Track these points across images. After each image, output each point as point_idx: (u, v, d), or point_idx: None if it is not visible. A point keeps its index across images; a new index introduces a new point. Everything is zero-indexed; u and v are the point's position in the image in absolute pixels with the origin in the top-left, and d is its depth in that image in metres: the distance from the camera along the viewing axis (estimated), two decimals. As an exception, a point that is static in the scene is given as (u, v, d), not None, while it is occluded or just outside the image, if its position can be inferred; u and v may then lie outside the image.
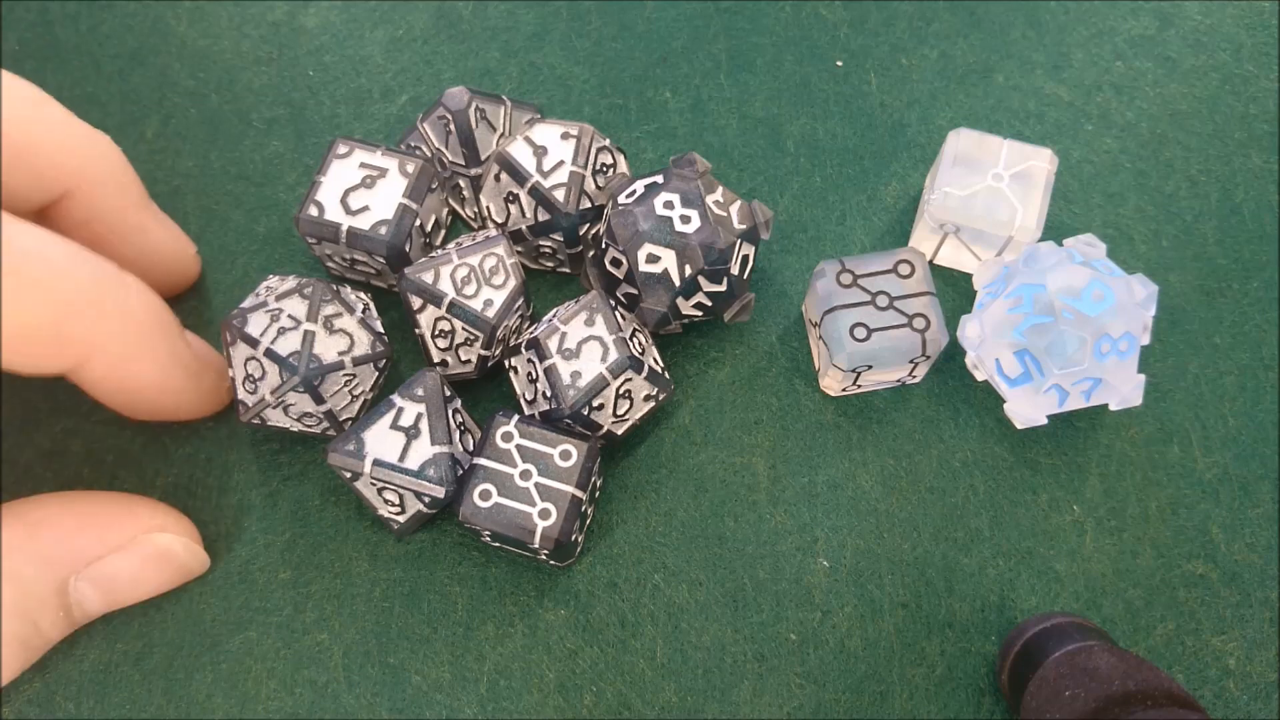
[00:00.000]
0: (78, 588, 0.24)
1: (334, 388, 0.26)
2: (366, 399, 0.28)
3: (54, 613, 0.24)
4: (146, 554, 0.25)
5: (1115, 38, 0.34)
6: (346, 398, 0.26)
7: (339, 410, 0.26)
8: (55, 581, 0.24)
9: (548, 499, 0.25)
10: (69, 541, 0.24)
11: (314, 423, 0.27)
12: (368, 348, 0.26)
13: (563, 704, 0.26)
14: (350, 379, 0.26)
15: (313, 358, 0.25)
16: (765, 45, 0.34)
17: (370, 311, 0.27)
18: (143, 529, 0.25)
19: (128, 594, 0.26)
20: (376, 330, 0.27)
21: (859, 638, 0.27)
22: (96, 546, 0.25)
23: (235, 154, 0.32)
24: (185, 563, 0.26)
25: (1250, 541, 0.28)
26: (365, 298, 0.28)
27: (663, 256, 0.26)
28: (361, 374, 0.26)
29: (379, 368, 0.27)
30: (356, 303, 0.27)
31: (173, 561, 0.26)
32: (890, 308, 0.27)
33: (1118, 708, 0.21)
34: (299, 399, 0.25)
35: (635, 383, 0.26)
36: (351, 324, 0.26)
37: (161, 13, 0.34)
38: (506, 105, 0.30)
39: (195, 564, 0.27)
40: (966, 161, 0.29)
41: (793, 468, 0.29)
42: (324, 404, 0.26)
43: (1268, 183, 0.32)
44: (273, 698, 0.26)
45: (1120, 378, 0.26)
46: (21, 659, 0.24)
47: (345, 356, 0.26)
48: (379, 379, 0.28)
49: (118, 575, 0.25)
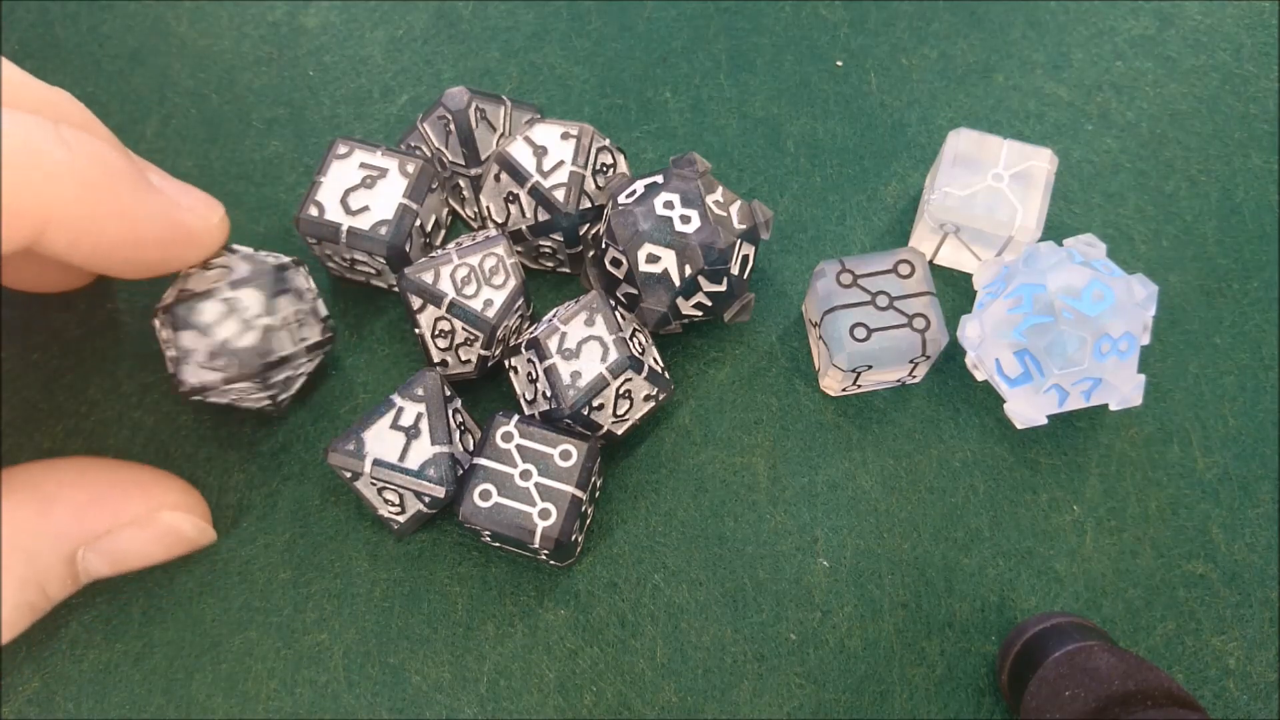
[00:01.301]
0: (86, 558, 0.25)
1: (282, 374, 0.26)
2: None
3: (61, 580, 0.24)
4: (156, 531, 0.26)
5: (1115, 38, 0.34)
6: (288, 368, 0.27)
7: (282, 392, 0.27)
8: (65, 553, 0.24)
9: (548, 499, 0.25)
10: (81, 516, 0.24)
11: (255, 404, 0.27)
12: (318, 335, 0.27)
13: (563, 704, 0.26)
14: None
15: (269, 351, 0.25)
16: (765, 45, 0.34)
17: (311, 289, 0.27)
18: (154, 505, 0.25)
19: (134, 564, 0.26)
20: (321, 314, 0.27)
21: (859, 638, 0.27)
22: (108, 521, 0.25)
23: (235, 154, 0.32)
24: (193, 539, 0.27)
25: (1250, 541, 0.28)
26: (303, 272, 0.28)
27: (663, 256, 0.26)
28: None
29: (325, 350, 0.27)
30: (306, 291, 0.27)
31: (181, 538, 0.26)
32: (890, 308, 0.27)
33: (1118, 708, 0.21)
34: (246, 385, 0.25)
35: (635, 383, 0.26)
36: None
37: (161, 13, 0.34)
38: (506, 105, 0.30)
39: (203, 540, 0.27)
40: (966, 161, 0.29)
41: (793, 468, 0.29)
42: (270, 389, 0.26)
43: (1268, 183, 0.32)
44: (273, 698, 0.26)
45: (1120, 378, 0.26)
46: (28, 620, 0.24)
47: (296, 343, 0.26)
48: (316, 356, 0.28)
49: (126, 549, 0.25)
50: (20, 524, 0.23)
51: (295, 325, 0.26)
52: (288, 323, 0.26)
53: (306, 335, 0.26)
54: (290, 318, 0.26)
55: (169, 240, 0.25)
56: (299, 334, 0.26)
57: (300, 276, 0.27)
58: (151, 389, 0.29)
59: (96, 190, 0.22)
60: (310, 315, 0.27)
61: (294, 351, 0.26)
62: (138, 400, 0.29)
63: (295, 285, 0.26)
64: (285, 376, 0.26)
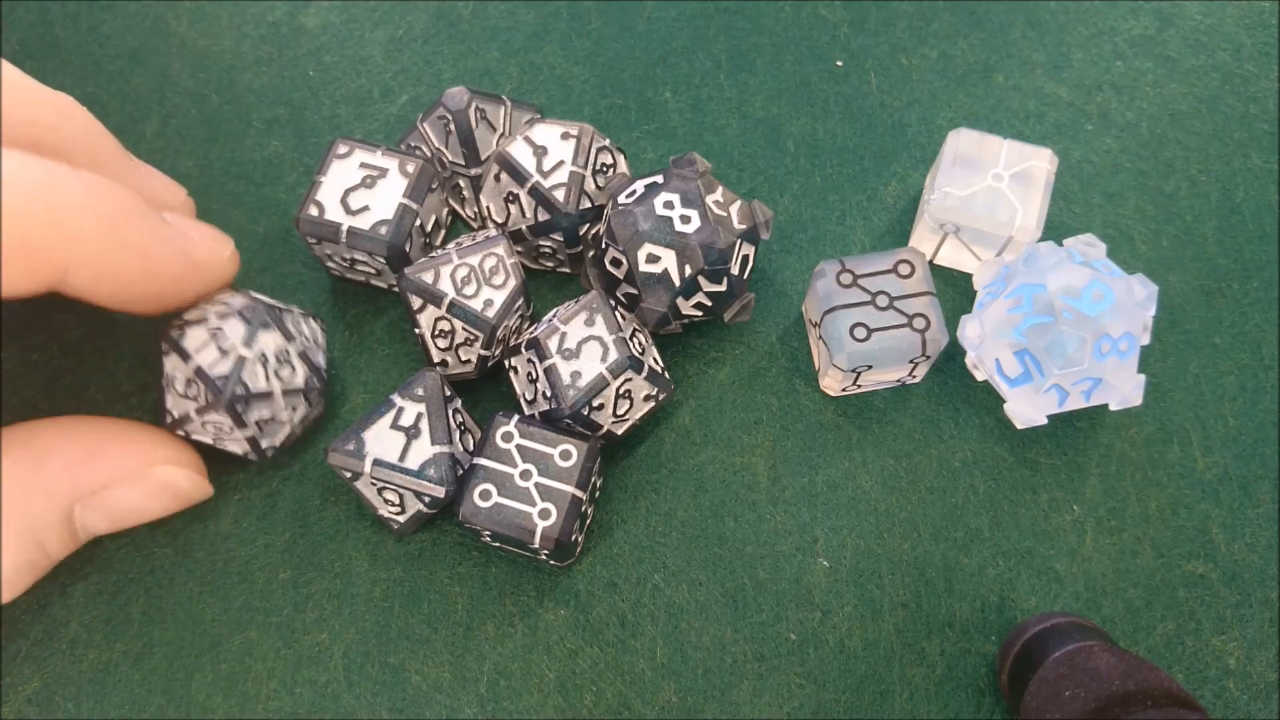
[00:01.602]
0: (83, 514, 0.25)
1: (258, 414, 0.26)
2: (294, 429, 0.27)
3: (60, 537, 0.25)
4: (151, 486, 0.26)
5: (1115, 38, 0.34)
6: (275, 422, 0.26)
7: (261, 436, 0.26)
8: (62, 510, 0.24)
9: (548, 499, 0.25)
10: (75, 472, 0.24)
11: (290, 374, 0.26)
12: (302, 382, 0.26)
13: (563, 704, 0.26)
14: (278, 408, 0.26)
15: (240, 383, 0.25)
16: (765, 45, 0.34)
17: (315, 340, 0.27)
18: (147, 461, 0.25)
19: (131, 520, 0.26)
20: (316, 364, 0.27)
21: (859, 638, 0.27)
22: (102, 477, 0.25)
23: (235, 154, 0.32)
24: (188, 493, 0.27)
25: (1250, 541, 0.28)
26: (314, 326, 0.27)
27: (663, 256, 0.26)
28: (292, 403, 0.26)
29: (309, 400, 0.27)
30: (297, 332, 0.27)
31: (177, 494, 0.26)
32: (890, 308, 0.27)
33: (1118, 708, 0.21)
34: (220, 419, 0.25)
35: (635, 383, 0.26)
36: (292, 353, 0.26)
37: (161, 13, 0.34)
38: (506, 105, 0.30)
39: (197, 493, 0.27)
40: (966, 161, 0.29)
41: (793, 468, 0.29)
42: (245, 428, 0.26)
43: (1268, 183, 0.32)
44: (273, 698, 0.26)
45: (1120, 378, 0.26)
46: (30, 579, 0.25)
47: (276, 385, 0.26)
48: (310, 412, 0.28)
49: (122, 504, 0.25)
50: (15, 481, 0.23)
51: (275, 364, 0.25)
52: (265, 359, 0.25)
53: (287, 378, 0.26)
54: (270, 355, 0.25)
55: (183, 275, 0.25)
56: (279, 372, 0.26)
57: (303, 324, 0.27)
58: (151, 389, 0.29)
59: (116, 231, 0.23)
60: (298, 360, 0.26)
61: (268, 389, 0.25)
62: (138, 400, 0.29)
63: (287, 327, 0.26)
64: (266, 418, 0.26)
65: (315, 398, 0.26)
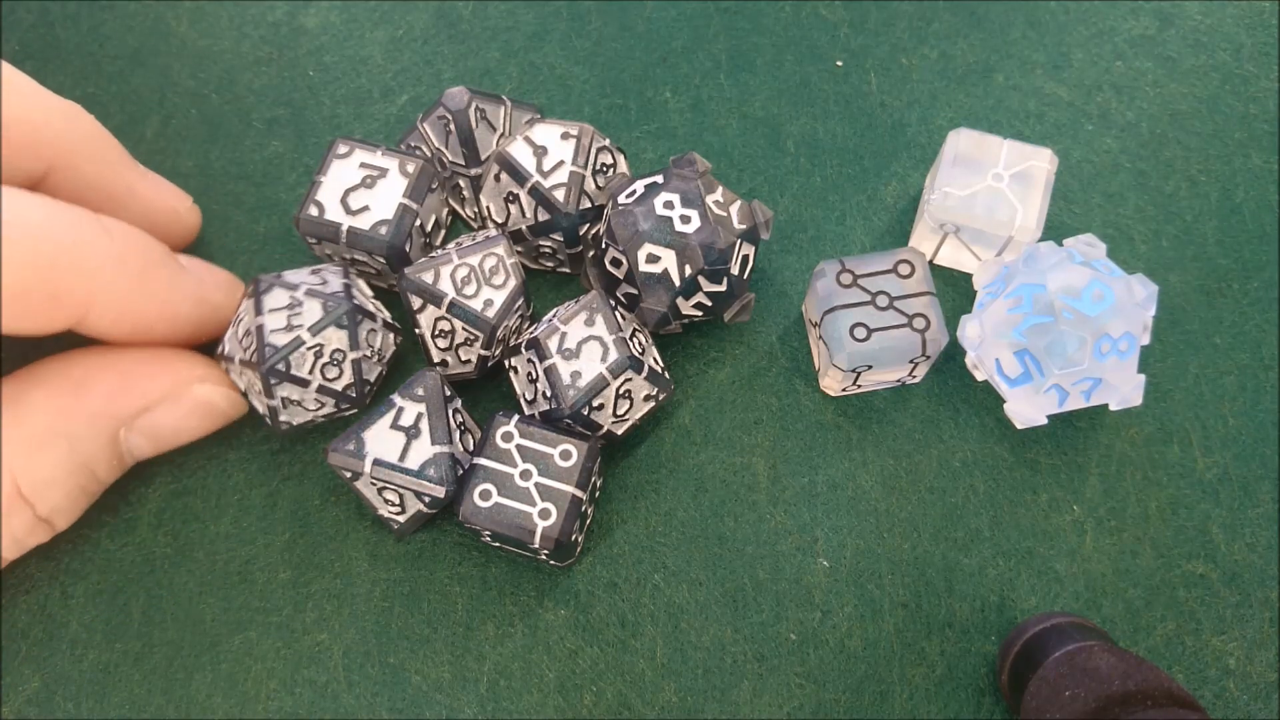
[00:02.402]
0: (128, 438, 0.26)
1: (287, 393, 0.26)
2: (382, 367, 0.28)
3: (108, 461, 0.26)
4: (190, 404, 0.26)
5: (1115, 38, 0.34)
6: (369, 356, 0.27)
7: (282, 411, 0.26)
8: (107, 434, 0.25)
9: (548, 499, 0.25)
10: (116, 397, 0.25)
11: (334, 375, 0.26)
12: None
13: (563, 704, 0.26)
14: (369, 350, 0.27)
15: (285, 360, 0.25)
16: (765, 45, 0.34)
17: (380, 354, 0.28)
18: (184, 380, 0.26)
19: (173, 441, 0.27)
20: (364, 377, 0.27)
21: (859, 638, 0.27)
22: (142, 399, 0.25)
23: (235, 154, 0.32)
24: (225, 410, 0.27)
25: (1250, 541, 0.28)
26: (389, 339, 0.28)
27: (663, 256, 0.26)
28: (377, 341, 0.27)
29: (340, 405, 0.27)
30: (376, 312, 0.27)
31: (213, 410, 0.27)
32: (890, 308, 0.27)
33: (1118, 708, 0.21)
34: (253, 378, 0.25)
35: (635, 383, 0.26)
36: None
37: (161, 13, 0.34)
38: (506, 105, 0.30)
39: (234, 410, 0.27)
40: (966, 161, 0.29)
41: (793, 468, 0.29)
42: (272, 398, 0.26)
43: (1268, 183, 0.32)
44: (273, 698, 0.26)
45: (1120, 378, 0.26)
46: (83, 505, 0.26)
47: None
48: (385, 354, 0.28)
49: (164, 424, 0.26)
50: (59, 410, 0.24)
51: (328, 360, 0.26)
52: (320, 353, 0.25)
53: (331, 378, 0.26)
54: (327, 352, 0.26)
55: (200, 317, 0.26)
56: (325, 370, 0.26)
57: (378, 336, 0.27)
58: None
59: (136, 276, 0.24)
60: (350, 367, 0.26)
61: (307, 379, 0.25)
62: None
63: (359, 335, 0.26)
64: (294, 399, 0.26)
65: (346, 405, 0.27)
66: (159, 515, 0.28)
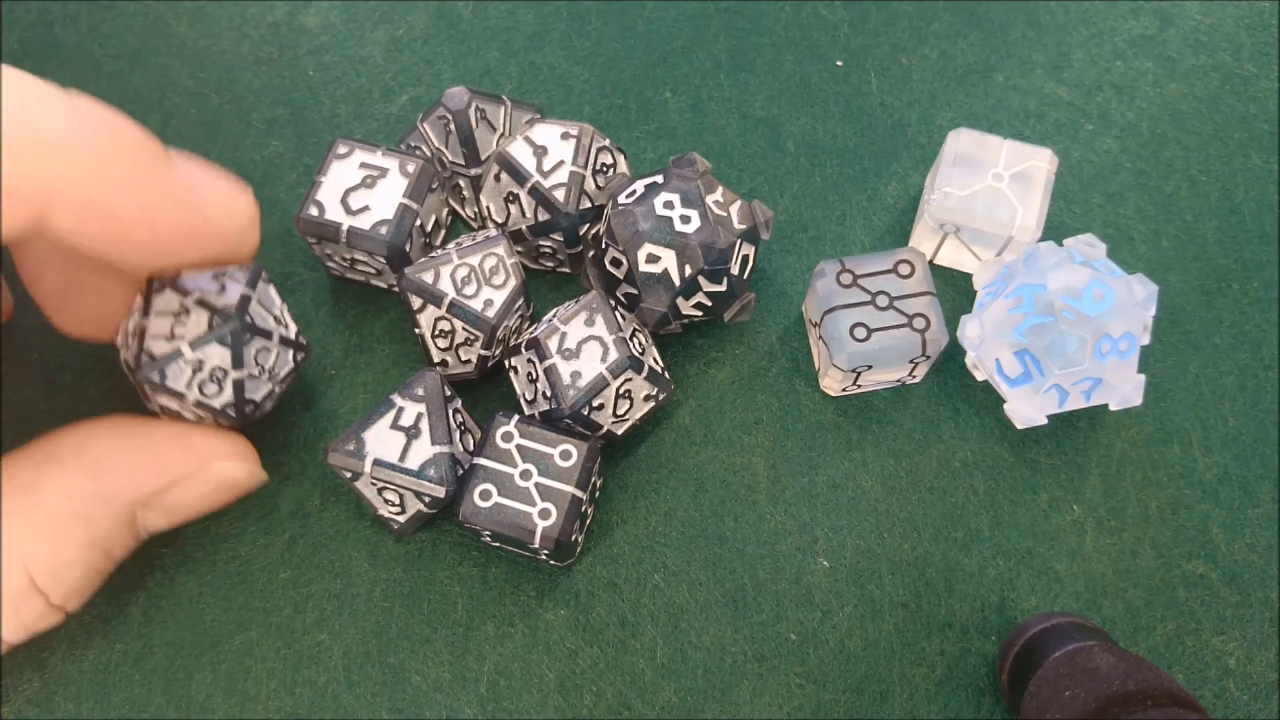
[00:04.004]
0: (144, 516, 0.25)
1: (163, 402, 0.25)
2: (274, 390, 0.27)
3: (123, 540, 0.25)
4: (210, 484, 0.25)
5: (1115, 38, 0.34)
6: (262, 376, 0.25)
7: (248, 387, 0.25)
8: (123, 515, 0.24)
9: (548, 499, 0.25)
10: (135, 479, 0.24)
11: (214, 391, 0.25)
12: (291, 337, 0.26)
13: (563, 704, 0.26)
14: (266, 353, 0.25)
15: (161, 372, 0.24)
16: (765, 45, 0.34)
17: (270, 376, 0.26)
18: (203, 459, 0.25)
19: (189, 515, 0.26)
20: (245, 396, 0.26)
21: (859, 638, 0.27)
22: (161, 480, 0.24)
23: (235, 154, 0.32)
24: (245, 484, 0.26)
25: (1250, 541, 0.28)
26: (287, 359, 0.27)
27: (663, 256, 0.26)
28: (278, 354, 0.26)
29: (219, 420, 0.26)
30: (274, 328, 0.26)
31: (234, 486, 0.26)
32: (890, 308, 0.27)
33: (1118, 708, 0.21)
34: (219, 352, 0.24)
35: (635, 383, 0.26)
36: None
37: (161, 13, 0.34)
38: (506, 105, 0.30)
39: (254, 483, 0.27)
40: (966, 161, 0.29)
41: (793, 468, 0.29)
42: (150, 404, 0.25)
43: (1268, 183, 0.32)
44: (273, 698, 0.26)
45: (1120, 378, 0.26)
46: (96, 584, 0.25)
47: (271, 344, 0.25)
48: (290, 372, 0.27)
49: (182, 503, 0.25)
50: (75, 492, 0.23)
51: (205, 379, 0.24)
52: (200, 367, 0.24)
53: (210, 394, 0.24)
54: (206, 368, 0.24)
55: (189, 229, 0.23)
56: (204, 387, 0.24)
57: (271, 356, 0.26)
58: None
59: (108, 165, 0.20)
60: (231, 388, 0.25)
61: (183, 391, 0.24)
62: (137, 400, 0.29)
63: (244, 355, 0.24)
64: (170, 408, 0.25)
65: (225, 422, 0.25)
66: (159, 515, 0.28)
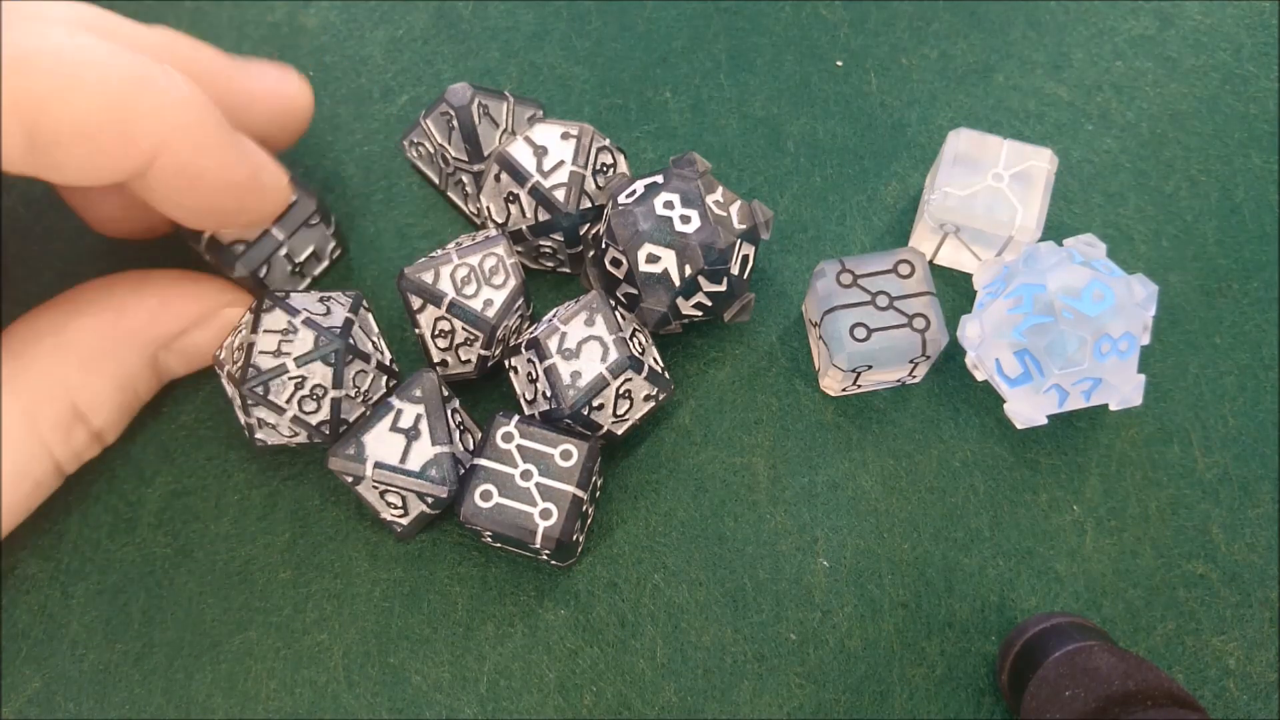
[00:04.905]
0: (165, 359, 0.27)
1: (261, 414, 0.26)
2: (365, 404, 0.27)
3: (148, 381, 0.27)
4: (222, 327, 0.28)
5: (1115, 38, 0.34)
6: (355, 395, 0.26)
7: (258, 429, 0.26)
8: (147, 355, 0.27)
9: (549, 499, 0.25)
10: (154, 321, 0.26)
11: (312, 409, 0.26)
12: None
13: (563, 704, 0.26)
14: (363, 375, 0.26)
15: (264, 385, 0.25)
16: (765, 45, 0.34)
17: (366, 396, 0.27)
18: (214, 305, 0.27)
19: (203, 361, 0.28)
20: (341, 416, 0.26)
21: (859, 638, 0.27)
22: (178, 323, 0.27)
23: (235, 154, 0.32)
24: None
25: (1250, 541, 0.28)
26: (380, 383, 0.27)
27: (663, 256, 0.26)
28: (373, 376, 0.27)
29: (313, 438, 0.27)
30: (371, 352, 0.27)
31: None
32: (890, 308, 0.27)
33: (1118, 708, 0.21)
34: (321, 371, 0.25)
35: (635, 383, 0.26)
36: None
37: (162, 13, 0.34)
38: (509, 101, 0.30)
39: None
40: (966, 161, 0.29)
41: (793, 468, 0.29)
42: (248, 415, 0.26)
43: (1268, 183, 0.32)
44: (273, 698, 0.27)
45: (1120, 378, 0.26)
46: (128, 420, 0.27)
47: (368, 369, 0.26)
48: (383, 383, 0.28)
49: (198, 346, 0.27)
50: (105, 334, 0.26)
51: (307, 393, 0.25)
52: (301, 384, 0.25)
53: (308, 411, 0.26)
54: (308, 386, 0.25)
55: (248, 189, 0.26)
56: (303, 403, 0.25)
57: (368, 379, 0.26)
58: (151, 389, 0.29)
59: (201, 125, 0.23)
60: (328, 405, 0.26)
61: (283, 406, 0.25)
62: (138, 400, 0.29)
63: (344, 375, 0.26)
64: (267, 420, 0.26)
65: (319, 439, 0.26)
66: (159, 515, 0.28)
